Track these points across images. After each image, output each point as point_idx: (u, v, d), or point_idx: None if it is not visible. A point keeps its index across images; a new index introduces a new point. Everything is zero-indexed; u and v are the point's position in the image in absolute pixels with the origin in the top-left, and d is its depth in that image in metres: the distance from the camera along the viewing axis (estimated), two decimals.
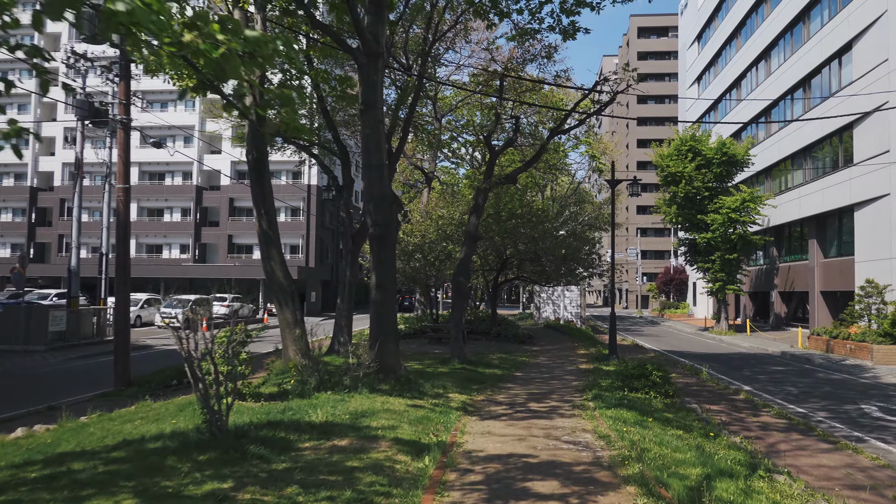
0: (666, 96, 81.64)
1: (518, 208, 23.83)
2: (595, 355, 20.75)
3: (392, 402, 9.77)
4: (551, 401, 11.48)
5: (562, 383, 14.26)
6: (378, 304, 12.05)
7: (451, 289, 16.88)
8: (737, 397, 14.38)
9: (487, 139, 16.30)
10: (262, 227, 14.62)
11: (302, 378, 10.56)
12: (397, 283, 29.09)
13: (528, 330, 29.27)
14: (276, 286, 14.61)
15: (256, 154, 14.55)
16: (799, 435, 10.41)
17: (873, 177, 26.68)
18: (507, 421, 9.35)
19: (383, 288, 12.03)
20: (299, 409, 8.88)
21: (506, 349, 22.43)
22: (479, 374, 15.02)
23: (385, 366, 11.77)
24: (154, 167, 57.87)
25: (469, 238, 16.79)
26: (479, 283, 33.80)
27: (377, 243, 12.06)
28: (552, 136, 16.99)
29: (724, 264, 34.93)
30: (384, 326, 12.03)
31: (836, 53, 30.32)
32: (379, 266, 12.06)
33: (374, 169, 11.90)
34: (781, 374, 19.55)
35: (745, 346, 29.09)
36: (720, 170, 35.24)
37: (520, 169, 17.43)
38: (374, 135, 11.86)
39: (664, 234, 76.93)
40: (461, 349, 16.75)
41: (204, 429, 6.84)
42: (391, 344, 12.03)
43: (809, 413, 13.05)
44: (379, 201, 11.94)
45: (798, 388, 16.58)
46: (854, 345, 23.18)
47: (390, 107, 21.35)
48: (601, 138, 49.52)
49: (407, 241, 26.23)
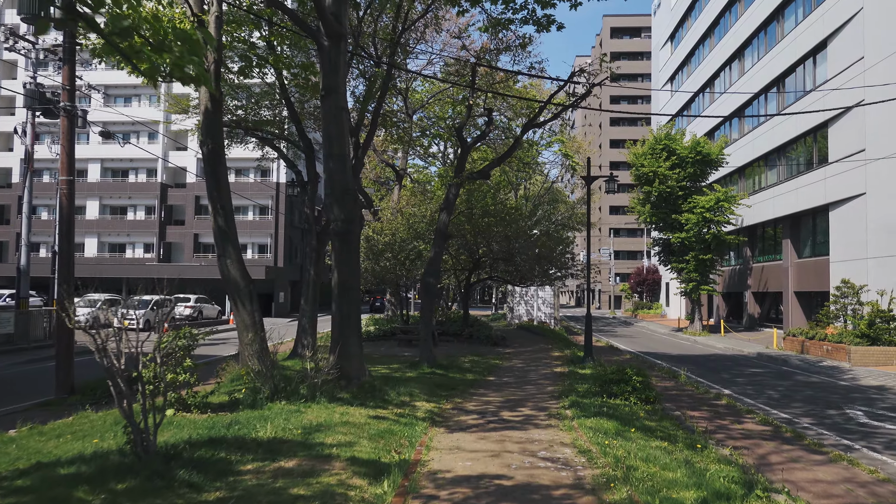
0: (639, 97, 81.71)
1: (491, 205, 23.10)
2: (570, 357, 20.09)
3: (352, 412, 8.91)
4: (526, 409, 10.72)
5: (537, 388, 13.52)
6: (340, 306, 11.18)
7: (420, 289, 16.06)
8: (718, 402, 13.77)
9: (459, 132, 15.50)
10: (218, 224, 13.64)
11: (254, 386, 9.65)
12: (367, 283, 28.20)
13: (502, 331, 28.56)
14: (232, 286, 13.65)
15: (212, 145, 13.56)
16: (788, 445, 9.78)
17: (848, 176, 26.45)
18: (479, 433, 8.56)
19: (346, 288, 11.16)
20: (248, 422, 7.98)
21: (478, 351, 21.68)
22: (450, 379, 14.22)
23: (347, 372, 10.91)
24: (117, 163, 56.10)
25: (439, 236, 15.98)
26: (451, 283, 33.02)
27: (340, 240, 11.19)
28: (526, 129, 16.27)
29: (699, 264, 34.61)
30: (347, 329, 11.16)
31: (810, 52, 30.12)
32: (341, 265, 11.19)
33: (335, 159, 11.03)
34: (760, 377, 19.07)
35: (720, 347, 28.71)
36: (694, 169, 34.92)
37: (493, 163, 16.67)
38: (336, 122, 10.98)
39: (637, 235, 76.97)
40: (431, 352, 15.94)
41: (128, 450, 5.93)
42: (354, 348, 11.17)
43: (793, 419, 12.48)
44: (341, 195, 11.07)
45: (778, 392, 16.07)
46: (831, 346, 22.85)
47: (358, 99, 20.47)
48: (575, 137, 49.10)
49: (376, 239, 25.35)
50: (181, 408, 8.90)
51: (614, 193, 21.67)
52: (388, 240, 25.36)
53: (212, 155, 13.62)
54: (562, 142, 37.86)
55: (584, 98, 16.52)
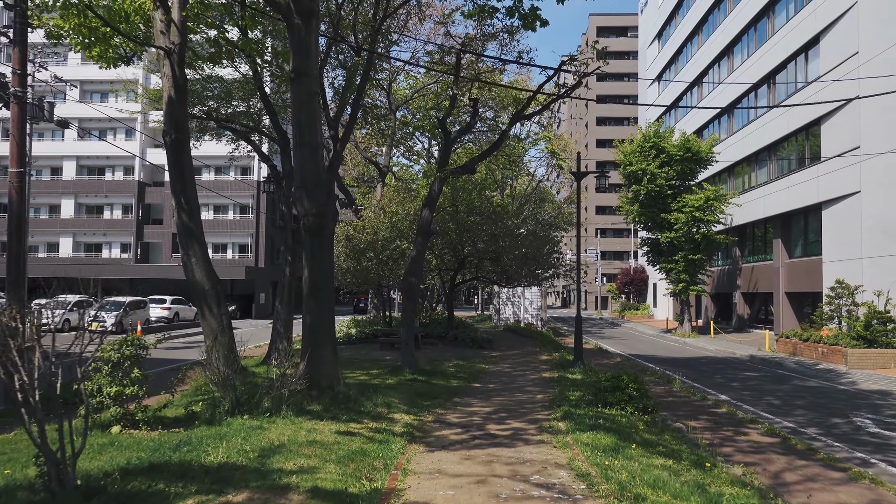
0: (625, 96, 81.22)
1: (477, 201, 22.21)
2: (559, 361, 19.23)
3: (321, 428, 7.96)
4: (515, 421, 9.81)
5: (526, 397, 12.63)
6: (312, 308, 10.21)
7: (402, 290, 15.13)
8: (718, 410, 12.95)
9: (443, 124, 14.57)
10: (182, 220, 12.64)
11: (213, 399, 8.67)
12: (348, 284, 27.16)
13: (488, 333, 27.67)
14: (197, 287, 12.65)
15: (176, 135, 12.55)
16: (802, 460, 8.95)
17: (842, 174, 25.83)
18: (463, 452, 7.64)
19: (318, 289, 10.20)
20: (200, 441, 7.01)
21: (463, 355, 20.77)
22: (432, 386, 13.29)
23: (318, 381, 9.95)
24: (93, 161, 54.63)
25: (422, 233, 15.05)
26: (436, 284, 32.08)
27: (311, 236, 10.22)
28: (514, 121, 15.37)
29: (688, 265, 33.91)
30: (319, 334, 10.21)
31: (802, 48, 29.51)
32: (313, 263, 10.22)
33: (306, 148, 10.07)
34: (756, 381, 18.32)
35: (711, 349, 28.01)
36: (683, 167, 34.21)
37: (479, 157, 15.75)
38: (308, 108, 10.02)
39: (623, 235, 76.44)
40: (413, 357, 15.00)
41: (40, 485, 4.94)
42: (327, 354, 10.21)
43: (799, 428, 11.69)
44: (313, 186, 10.11)
45: (778, 398, 15.30)
46: (826, 348, 22.16)
47: (338, 91, 19.52)
48: (561, 136, 48.35)
49: (358, 238, 24.36)
50: (128, 424, 7.91)
51: (605, 191, 20.84)
52: (370, 239, 24.38)
53: (176, 146, 12.62)
54: (548, 138, 37.04)
55: (576, 88, 15.66)
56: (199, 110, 17.57)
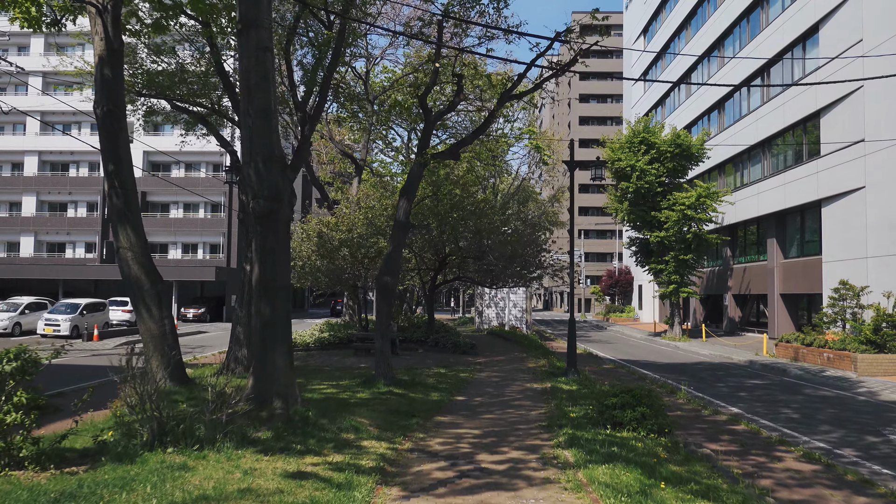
0: (608, 95, 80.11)
1: (459, 196, 20.49)
2: (549, 369, 17.57)
3: (263, 468, 6.16)
4: (510, 448, 8.08)
5: (519, 414, 10.90)
6: (262, 310, 8.40)
7: (376, 290, 13.37)
8: (736, 427, 11.34)
9: (423, 100, 12.79)
10: (115, 203, 10.80)
11: (130, 426, 6.84)
12: (319, 284, 25.25)
13: (471, 337, 25.97)
14: (133, 284, 10.79)
15: (109, 107, 10.70)
16: (859, 496, 7.33)
17: (845, 169, 24.49)
18: (449, 499, 5.88)
19: (270, 288, 8.39)
20: (92, 492, 5.19)
21: (445, 362, 19.03)
22: (410, 400, 11.52)
23: (270, 399, 8.15)
24: (57, 156, 52.11)
25: (399, 227, 13.27)
26: (416, 285, 30.31)
27: (262, 224, 8.42)
28: (503, 100, 13.67)
29: (679, 265, 32.44)
30: (271, 341, 8.40)
31: (799, 38, 28.19)
32: (264, 255, 8.42)
33: (257, 115, 8.28)
34: (763, 390, 16.79)
35: (705, 353, 26.54)
36: (674, 164, 32.77)
37: (464, 140, 14.06)
38: (258, 66, 8.23)
39: (606, 237, 75.20)
40: (388, 366, 13.23)
41: None
42: (281, 367, 8.40)
43: (833, 449, 10.12)
44: (265, 163, 8.31)
45: (795, 411, 13.75)
46: (833, 353, 20.72)
47: (307, 70, 17.71)
48: (546, 132, 46.83)
49: (330, 235, 22.51)
50: (11, 464, 6.05)
51: (587, 191, 19.27)
52: (344, 236, 22.55)
53: (108, 119, 10.75)
54: (533, 132, 35.45)
55: (571, 65, 14.03)
56: (140, 83, 15.66)
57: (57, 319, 28.42)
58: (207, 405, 7.02)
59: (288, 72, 16.61)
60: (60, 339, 27.01)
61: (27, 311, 30.50)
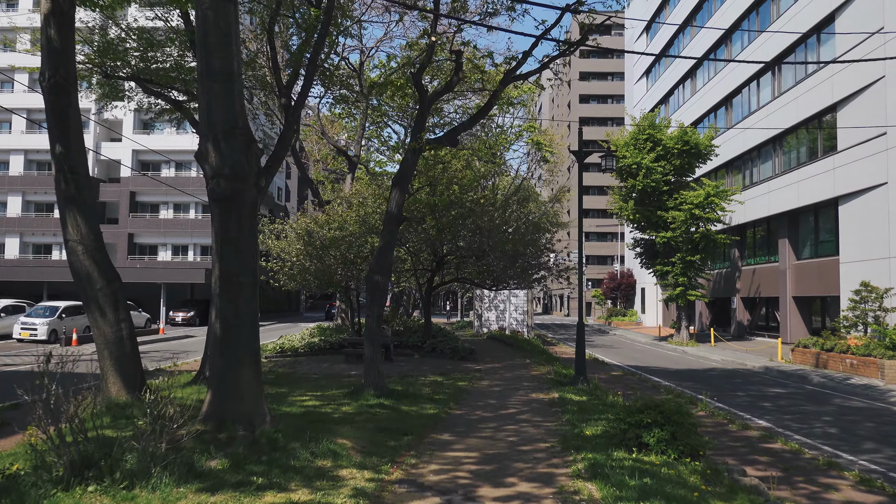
0: (609, 96, 78.91)
1: (456, 187, 19.12)
2: (555, 377, 16.20)
3: None
4: (520, 480, 6.70)
5: (526, 431, 9.53)
6: (224, 311, 7.04)
7: (366, 290, 12.00)
8: (772, 446, 9.98)
9: (417, 79, 11.41)
10: (63, 190, 9.49)
11: (42, 458, 5.45)
12: (308, 286, 23.84)
13: (470, 342, 24.57)
14: (83, 280, 9.46)
15: (56, 78, 9.33)
16: None
17: (864, 164, 23.18)
18: None
19: (233, 283, 7.02)
20: None
21: (442, 369, 17.65)
22: (402, 415, 10.14)
23: (231, 418, 6.78)
24: (43, 155, 50.55)
25: (391, 220, 11.91)
26: (412, 287, 28.91)
27: (222, 208, 7.05)
28: (506, 81, 12.34)
29: (686, 267, 31.09)
30: (234, 349, 7.03)
31: (814, 28, 26.87)
32: (225, 247, 7.04)
33: (216, 79, 6.91)
34: (788, 400, 15.44)
35: (716, 359, 25.19)
36: (681, 161, 31.44)
37: (464, 125, 12.69)
38: (220, 20, 6.87)
39: (607, 239, 73.84)
40: (378, 375, 11.85)
41: None
42: (245, 380, 7.02)
43: (889, 472, 8.79)
44: (226, 136, 6.94)
45: (829, 424, 12.41)
46: (856, 360, 19.38)
47: (293, 53, 16.36)
48: (546, 131, 45.55)
49: (319, 233, 21.14)
50: None
51: (587, 194, 17.95)
52: (335, 235, 21.19)
53: (56, 92, 9.39)
54: (534, 128, 34.19)
55: (582, 43, 12.74)
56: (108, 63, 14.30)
57: (34, 323, 26.99)
58: (142, 432, 5.64)
59: (271, 54, 15.28)
60: (37, 343, 25.61)
61: (3, 314, 29.07)
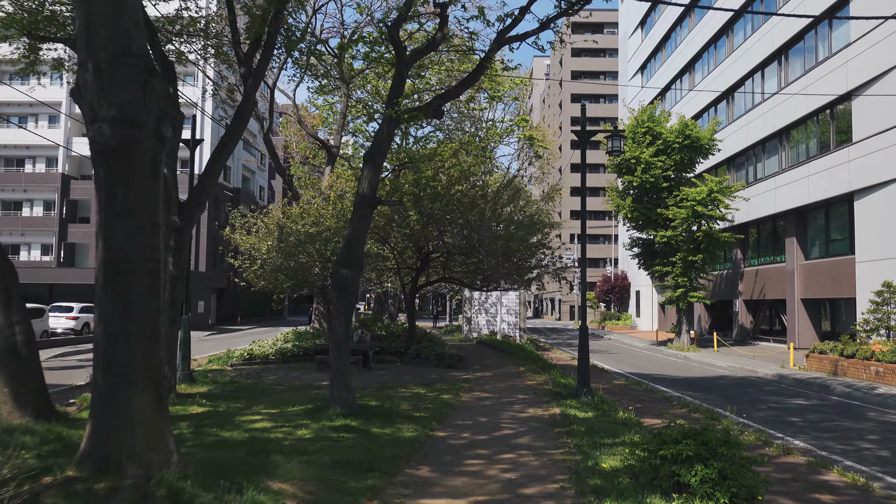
0: (601, 95, 77.37)
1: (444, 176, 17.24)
2: (554, 388, 14.33)
3: None
4: None
5: (527, 465, 7.57)
6: (107, 309, 5.05)
7: (331, 286, 10.03)
8: (828, 478, 8.08)
9: (393, 34, 9.44)
10: None
11: None
12: (279, 285, 21.79)
13: (458, 348, 22.65)
14: None
15: None
16: None
17: (883, 155, 21.48)
18: None
19: (121, 271, 5.04)
20: None
21: (426, 378, 15.72)
22: (371, 440, 8.18)
23: (113, 458, 4.80)
24: (11, 151, 48.34)
25: (363, 204, 9.96)
26: (396, 288, 26.95)
27: (106, 165, 5.07)
28: (499, 43, 10.47)
29: (687, 267, 29.31)
30: (123, 362, 5.05)
31: (826, 12, 25.21)
32: (111, 218, 5.06)
33: None
34: (817, 414, 13.61)
35: (723, 365, 23.39)
36: (681, 156, 29.71)
37: (449, 92, 10.80)
38: None
39: (600, 241, 72.13)
40: (347, 388, 9.89)
41: None
42: (141, 406, 5.04)
43: None
44: (110, 63, 4.97)
45: (878, 445, 10.59)
46: (882, 367, 17.59)
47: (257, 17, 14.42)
48: (538, 126, 43.79)
49: (292, 228, 19.17)
50: None
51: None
52: (310, 230, 19.24)
53: None
54: (526, 121, 32.41)
55: (586, 3, 10.87)
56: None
57: None
58: None
59: (230, 18, 13.35)
60: None
61: None
